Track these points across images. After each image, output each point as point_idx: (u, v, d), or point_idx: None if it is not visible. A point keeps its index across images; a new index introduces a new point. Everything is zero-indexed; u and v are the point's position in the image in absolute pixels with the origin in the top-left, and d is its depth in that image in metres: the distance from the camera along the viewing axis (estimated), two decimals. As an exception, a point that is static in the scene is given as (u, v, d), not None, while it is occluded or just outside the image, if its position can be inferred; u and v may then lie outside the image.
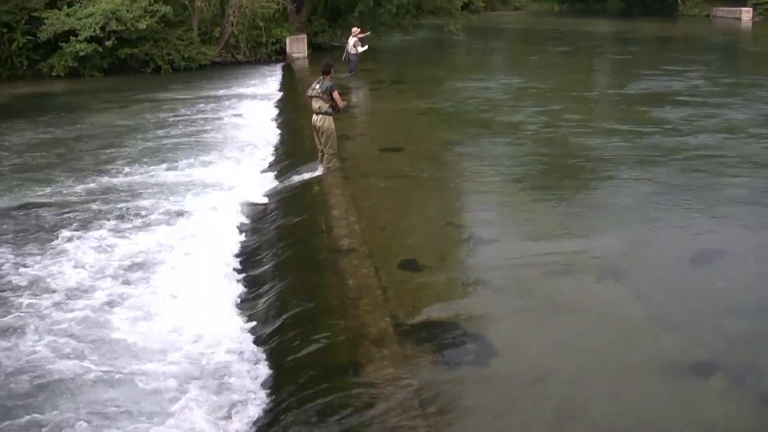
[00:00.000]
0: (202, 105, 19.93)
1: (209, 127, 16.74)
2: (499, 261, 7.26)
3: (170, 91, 22.43)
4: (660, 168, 10.47)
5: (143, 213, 10.32)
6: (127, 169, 12.89)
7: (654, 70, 22.16)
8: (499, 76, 23.47)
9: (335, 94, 10.81)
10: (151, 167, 13.01)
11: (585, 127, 13.66)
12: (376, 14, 31.10)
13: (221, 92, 22.14)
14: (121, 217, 10.12)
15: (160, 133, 16.21)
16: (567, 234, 7.99)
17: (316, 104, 10.95)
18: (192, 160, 13.43)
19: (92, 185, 11.97)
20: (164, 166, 13.09)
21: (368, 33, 24.37)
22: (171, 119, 17.90)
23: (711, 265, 7.16)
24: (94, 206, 10.75)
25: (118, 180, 12.22)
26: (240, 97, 21.21)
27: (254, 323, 6.83)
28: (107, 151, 14.53)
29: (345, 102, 11.32)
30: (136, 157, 13.88)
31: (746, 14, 49.82)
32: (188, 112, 18.81)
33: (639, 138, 12.53)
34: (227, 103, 20.22)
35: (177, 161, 13.40)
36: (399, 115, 15.87)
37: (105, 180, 12.26)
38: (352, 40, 22.54)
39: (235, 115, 18.19)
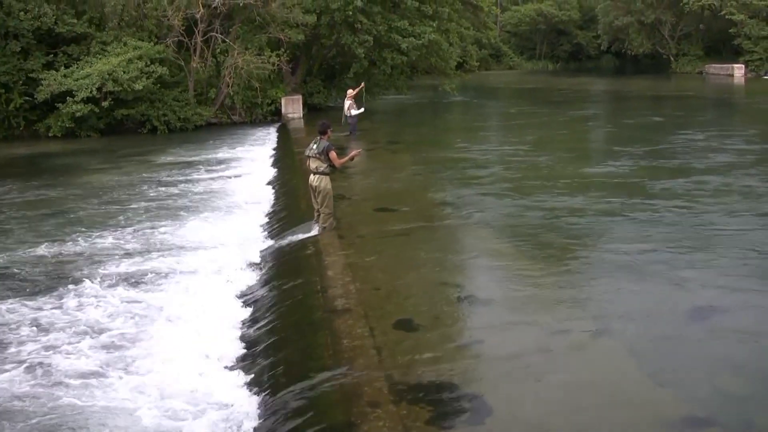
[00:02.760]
0: (197, 165, 20.25)
1: (204, 188, 16.99)
2: (494, 320, 7.38)
3: (166, 152, 22.76)
4: (659, 228, 10.66)
5: (136, 275, 10.42)
6: (118, 230, 13.06)
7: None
8: (493, 138, 23.86)
9: (332, 155, 11.01)
10: (145, 227, 13.17)
11: (585, 193, 13.64)
12: (370, 75, 31.77)
13: (217, 152, 22.50)
14: (112, 278, 10.21)
15: (155, 193, 16.43)
16: (562, 292, 8.12)
17: (313, 164, 11.15)
18: (187, 221, 13.61)
19: (85, 245, 12.11)
20: (159, 226, 13.25)
21: (362, 86, 24.83)
22: (166, 180, 18.15)
23: (706, 321, 7.28)
24: (84, 264, 10.88)
25: (107, 241, 12.35)
26: (235, 157, 21.56)
27: (249, 382, 6.89)
28: (102, 210, 14.72)
29: (344, 160, 11.51)
30: (130, 217, 14.05)
31: (738, 71, 51.03)
32: (184, 173, 19.09)
33: (635, 205, 12.70)
34: (223, 163, 20.55)
35: (172, 221, 13.59)
36: (394, 175, 16.13)
37: (96, 241, 12.38)
38: (347, 103, 23.05)
39: (231, 176, 18.46)
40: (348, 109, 22.94)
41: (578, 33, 78.28)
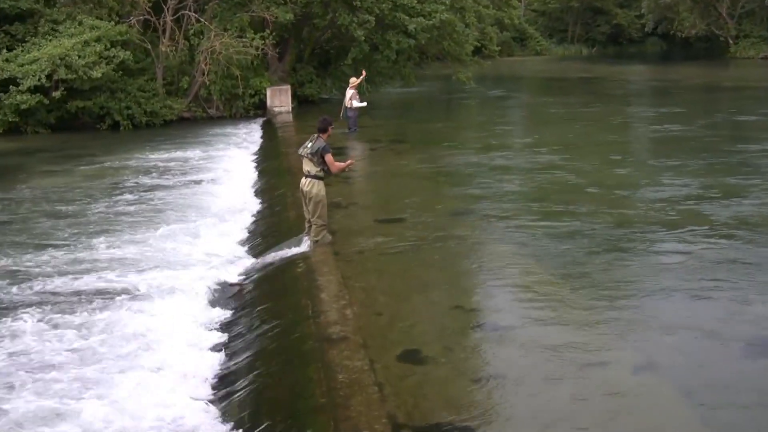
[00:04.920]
0: (167, 167, 20.39)
1: (175, 194, 17.09)
2: (517, 351, 7.42)
3: (129, 152, 22.84)
4: (708, 245, 10.68)
5: (90, 296, 10.47)
6: (72, 243, 13.13)
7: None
8: (518, 140, 23.77)
9: (328, 158, 11.08)
10: (103, 240, 13.23)
11: (621, 205, 13.72)
12: (372, 61, 31.83)
13: (190, 152, 22.64)
14: (62, 300, 10.27)
15: (116, 201, 16.52)
16: (596, 317, 8.18)
17: (305, 166, 11.26)
18: (153, 234, 13.64)
19: (23, 264, 12.16)
20: (119, 240, 13.30)
21: (364, 76, 24.96)
22: (129, 185, 18.26)
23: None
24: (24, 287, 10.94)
25: (51, 259, 12.33)
26: (212, 158, 21.70)
27: (226, 424, 6.94)
28: (48, 222, 14.75)
29: (341, 166, 11.52)
30: (82, 231, 14.05)
31: (813, 55, 50.96)
32: (150, 177, 19.22)
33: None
34: (197, 165, 20.71)
35: (135, 235, 13.65)
36: (398, 180, 16.23)
37: (37, 259, 12.35)
38: (349, 93, 23.16)
39: (207, 181, 18.56)
40: (349, 99, 23.07)
41: (618, 12, 78.57)
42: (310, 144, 11.19)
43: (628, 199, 14.26)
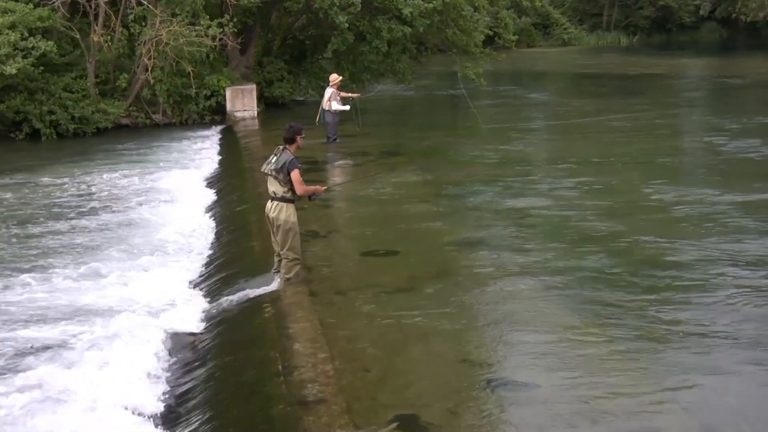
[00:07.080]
0: (99, 188, 20.55)
1: (110, 223, 17.15)
2: (539, 413, 7.48)
3: (52, 169, 22.93)
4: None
5: (12, 348, 10.51)
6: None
7: None
8: (535, 149, 23.82)
9: (294, 175, 11.07)
10: (20, 279, 13.29)
11: (660, 225, 13.97)
12: (358, 55, 31.86)
13: (129, 169, 22.76)
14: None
15: (36, 231, 16.58)
16: (638, 376, 8.23)
17: (271, 186, 11.28)
18: (83, 270, 13.67)
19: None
20: (41, 277, 13.38)
21: (355, 96, 25.07)
22: (51, 210, 18.33)
23: None
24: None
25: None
26: (157, 176, 21.79)
27: None
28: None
29: (309, 189, 11.52)
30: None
31: None
32: (79, 201, 19.27)
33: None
34: (138, 185, 20.82)
35: (60, 271, 13.71)
36: (391, 202, 16.28)
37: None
38: (328, 92, 23.17)
39: (151, 204, 18.68)
40: (328, 100, 23.07)
41: (666, -9, 79.07)
42: (275, 158, 11.14)
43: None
